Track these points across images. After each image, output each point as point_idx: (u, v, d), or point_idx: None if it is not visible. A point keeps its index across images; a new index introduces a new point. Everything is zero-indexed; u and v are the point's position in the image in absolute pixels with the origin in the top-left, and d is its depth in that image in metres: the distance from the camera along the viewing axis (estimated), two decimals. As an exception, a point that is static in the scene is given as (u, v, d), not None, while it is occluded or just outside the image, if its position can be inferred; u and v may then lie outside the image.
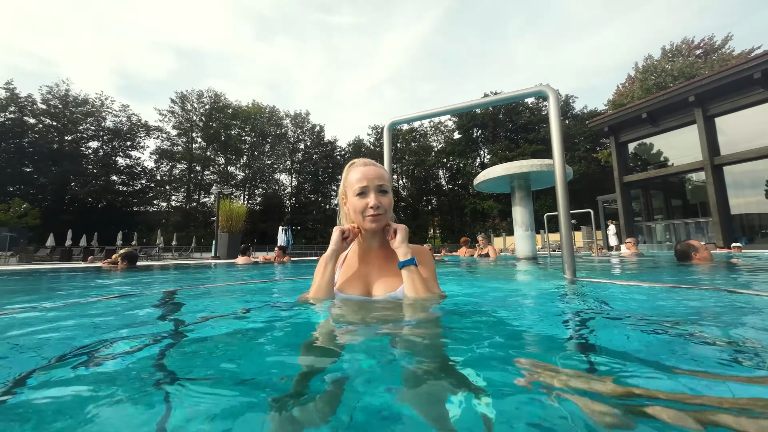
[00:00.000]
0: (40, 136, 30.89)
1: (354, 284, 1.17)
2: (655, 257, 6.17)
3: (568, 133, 33.12)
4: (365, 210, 1.11)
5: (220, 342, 0.87)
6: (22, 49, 55.14)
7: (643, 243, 12.18)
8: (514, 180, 5.52)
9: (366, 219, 1.12)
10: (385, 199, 1.13)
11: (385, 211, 1.13)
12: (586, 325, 1.01)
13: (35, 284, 2.91)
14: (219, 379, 0.61)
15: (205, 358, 0.75)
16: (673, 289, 1.66)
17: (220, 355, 0.76)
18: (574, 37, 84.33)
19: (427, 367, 0.63)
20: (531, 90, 2.05)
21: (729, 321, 1.04)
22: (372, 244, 1.22)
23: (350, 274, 1.20)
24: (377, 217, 1.11)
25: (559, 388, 0.49)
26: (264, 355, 0.76)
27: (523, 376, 0.55)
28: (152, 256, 18.29)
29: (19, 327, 1.08)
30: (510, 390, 0.51)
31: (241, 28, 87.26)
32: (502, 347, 0.77)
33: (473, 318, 1.09)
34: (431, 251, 1.32)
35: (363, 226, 1.16)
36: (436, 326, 0.91)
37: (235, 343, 0.87)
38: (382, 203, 1.12)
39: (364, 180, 1.12)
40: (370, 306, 1.09)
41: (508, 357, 0.69)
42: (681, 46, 28.13)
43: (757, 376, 0.60)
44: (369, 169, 1.15)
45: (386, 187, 1.15)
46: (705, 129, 10.48)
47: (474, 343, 0.80)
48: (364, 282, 1.17)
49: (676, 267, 3.24)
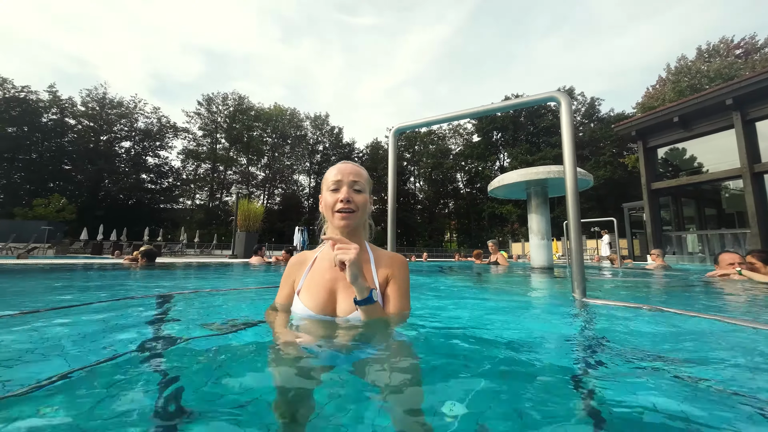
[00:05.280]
0: (78, 136, 33.00)
1: (317, 296, 1.05)
2: (685, 271, 5.78)
3: (593, 136, 31.91)
4: (335, 205, 1.04)
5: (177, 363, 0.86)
6: (64, 52, 59.17)
7: (672, 254, 11.50)
8: (530, 186, 5.33)
9: (335, 215, 1.05)
10: (358, 197, 1.06)
11: (358, 209, 1.05)
12: (585, 376, 0.78)
13: (50, 281, 3.05)
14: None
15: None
16: (711, 321, 1.42)
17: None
18: (601, 37, 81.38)
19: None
20: (542, 96, 1.95)
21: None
22: None
23: (316, 281, 1.09)
24: (348, 215, 1.03)
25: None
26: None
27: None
28: (176, 252, 19.06)
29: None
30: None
31: (267, 29, 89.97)
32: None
33: (433, 350, 0.96)
34: (407, 263, 1.20)
35: (333, 223, 1.08)
36: (405, 361, 0.84)
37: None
38: (353, 199, 1.04)
39: (339, 174, 1.06)
40: (331, 329, 0.99)
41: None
42: (719, 45, 26.51)
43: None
44: (345, 165, 1.09)
45: (361, 186, 1.08)
46: (744, 134, 9.78)
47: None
48: (328, 293, 1.06)
49: (710, 287, 2.99)
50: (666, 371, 0.81)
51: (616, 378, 0.78)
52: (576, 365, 0.87)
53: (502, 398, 0.65)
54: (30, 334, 1.05)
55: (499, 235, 34.00)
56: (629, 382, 0.74)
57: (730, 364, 0.90)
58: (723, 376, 0.80)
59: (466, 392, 0.67)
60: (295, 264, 1.18)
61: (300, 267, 1.16)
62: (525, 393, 0.68)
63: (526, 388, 0.70)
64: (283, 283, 1.18)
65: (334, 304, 1.05)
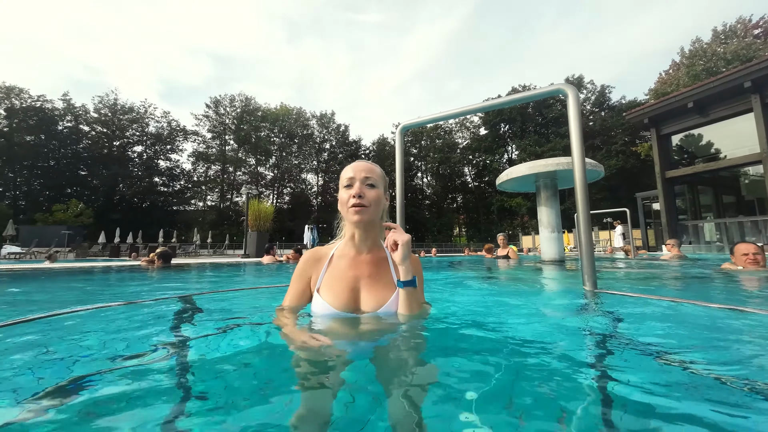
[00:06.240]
0: (92, 142, 33.92)
1: (341, 293, 1.07)
2: (702, 261, 5.64)
3: (604, 125, 31.16)
4: (348, 200, 1.06)
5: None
6: (75, 59, 60.63)
7: (689, 244, 11.21)
8: (539, 179, 5.27)
9: (349, 211, 1.06)
10: (371, 192, 1.07)
11: (370, 204, 1.06)
12: (595, 367, 0.79)
13: (71, 283, 3.18)
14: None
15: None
16: (727, 312, 1.37)
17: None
18: (611, 23, 79.00)
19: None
20: (549, 89, 1.94)
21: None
22: (362, 247, 1.13)
23: (337, 278, 1.10)
24: (360, 209, 1.05)
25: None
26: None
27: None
28: (189, 253, 19.48)
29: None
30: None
31: (272, 30, 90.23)
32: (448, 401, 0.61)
33: (443, 341, 1.00)
34: (419, 260, 1.23)
35: (347, 219, 1.11)
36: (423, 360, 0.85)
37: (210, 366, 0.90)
38: (366, 194, 1.06)
39: (351, 172, 1.09)
40: (358, 325, 1.00)
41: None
42: (736, 26, 25.48)
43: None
44: (358, 163, 1.11)
45: (374, 182, 1.09)
46: (764, 117, 9.42)
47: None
48: (352, 291, 1.07)
49: (728, 276, 2.92)
50: (674, 362, 0.81)
51: (625, 369, 0.78)
52: (584, 356, 0.89)
53: (511, 390, 0.68)
54: (61, 334, 1.12)
55: (508, 229, 33.63)
56: (638, 373, 0.74)
57: (742, 355, 0.90)
58: (734, 368, 0.80)
59: (479, 382, 0.70)
60: (309, 260, 1.16)
61: (316, 264, 1.15)
62: (534, 383, 0.70)
63: (534, 378, 0.72)
64: (295, 280, 1.15)
65: (358, 301, 1.07)
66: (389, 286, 1.09)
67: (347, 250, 1.14)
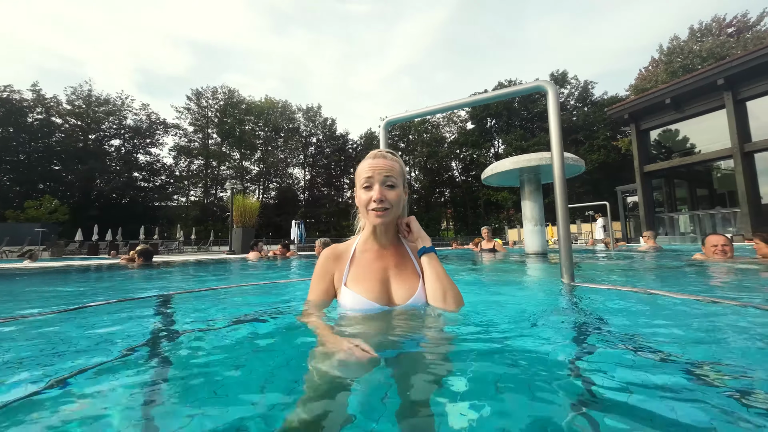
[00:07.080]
0: (66, 135, 32.31)
1: (372, 286, 1.07)
2: (677, 251, 5.90)
3: (587, 120, 31.85)
4: (369, 203, 1.05)
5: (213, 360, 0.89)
6: (45, 48, 57.42)
7: (665, 235, 11.69)
8: (523, 174, 5.37)
9: (370, 213, 1.06)
10: (391, 193, 1.05)
11: (392, 206, 1.05)
12: (567, 360, 0.79)
13: (43, 285, 3.06)
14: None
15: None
16: (701, 303, 1.42)
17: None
18: (595, 20, 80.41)
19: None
20: (529, 85, 1.97)
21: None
22: (384, 241, 1.15)
23: (364, 272, 1.10)
24: (382, 213, 1.04)
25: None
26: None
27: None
28: (173, 250, 18.98)
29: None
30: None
31: (257, 20, 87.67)
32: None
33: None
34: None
35: (368, 220, 1.11)
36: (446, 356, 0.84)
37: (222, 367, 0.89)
38: (387, 197, 1.04)
39: (370, 171, 1.05)
40: (391, 319, 1.01)
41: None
42: (711, 24, 26.33)
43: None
44: (378, 160, 1.07)
45: (395, 181, 1.06)
46: (735, 114, 9.84)
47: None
48: (381, 282, 1.09)
49: (703, 267, 3.06)
50: (648, 351, 0.84)
51: (599, 359, 0.80)
52: (559, 348, 0.91)
53: (489, 382, 0.69)
54: (40, 335, 1.08)
55: (495, 222, 34.19)
56: (612, 363, 0.76)
57: (711, 342, 0.95)
58: (705, 356, 0.83)
59: (458, 377, 0.72)
60: (330, 258, 1.16)
61: (338, 261, 1.15)
62: (508, 377, 0.71)
63: (509, 371, 0.73)
64: (317, 279, 1.14)
65: (389, 291, 1.09)
66: (415, 275, 1.12)
67: (369, 244, 1.16)
